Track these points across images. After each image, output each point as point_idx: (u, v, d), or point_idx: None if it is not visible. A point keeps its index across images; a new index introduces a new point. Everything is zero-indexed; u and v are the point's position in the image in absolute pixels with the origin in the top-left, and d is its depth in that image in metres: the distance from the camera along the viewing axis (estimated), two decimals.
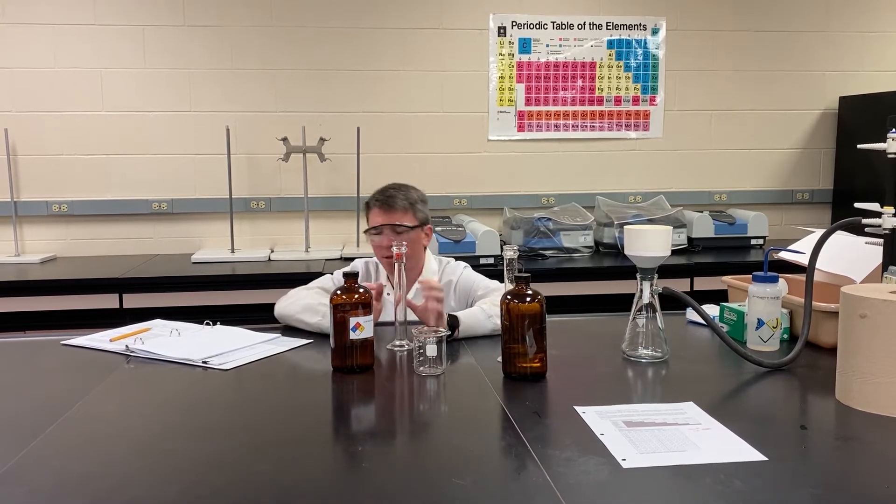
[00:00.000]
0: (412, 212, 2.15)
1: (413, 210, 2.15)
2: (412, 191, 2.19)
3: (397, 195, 2.14)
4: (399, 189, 2.17)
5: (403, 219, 2.13)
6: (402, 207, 2.13)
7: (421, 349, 1.55)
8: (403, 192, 2.16)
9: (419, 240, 2.18)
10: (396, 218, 2.12)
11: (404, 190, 2.17)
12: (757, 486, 1.03)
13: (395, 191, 2.15)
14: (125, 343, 1.77)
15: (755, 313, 1.69)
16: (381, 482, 1.08)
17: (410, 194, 2.17)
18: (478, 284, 2.18)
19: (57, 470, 1.12)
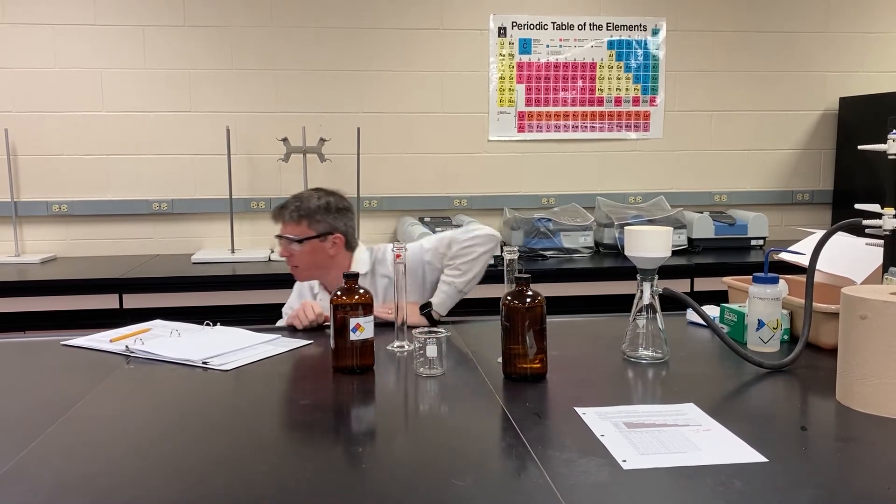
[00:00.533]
0: (306, 222, 2.07)
1: (308, 221, 2.07)
2: (315, 199, 2.10)
3: (289, 205, 2.08)
4: (299, 198, 2.10)
5: (290, 230, 2.07)
6: (290, 219, 2.08)
7: (421, 350, 1.55)
8: (298, 203, 2.09)
9: (317, 252, 2.10)
10: (284, 230, 2.08)
11: (305, 199, 2.10)
12: (757, 487, 1.02)
13: (293, 199, 2.10)
14: (125, 343, 1.76)
15: (755, 314, 1.69)
16: (381, 483, 1.08)
17: (308, 204, 2.09)
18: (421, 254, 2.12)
19: (57, 470, 1.12)
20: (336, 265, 2.11)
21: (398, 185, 3.79)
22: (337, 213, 2.12)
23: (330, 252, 2.11)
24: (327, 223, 2.09)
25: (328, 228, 2.09)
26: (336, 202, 2.13)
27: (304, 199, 2.10)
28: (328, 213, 2.10)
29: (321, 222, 2.08)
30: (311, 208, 2.08)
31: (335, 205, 2.12)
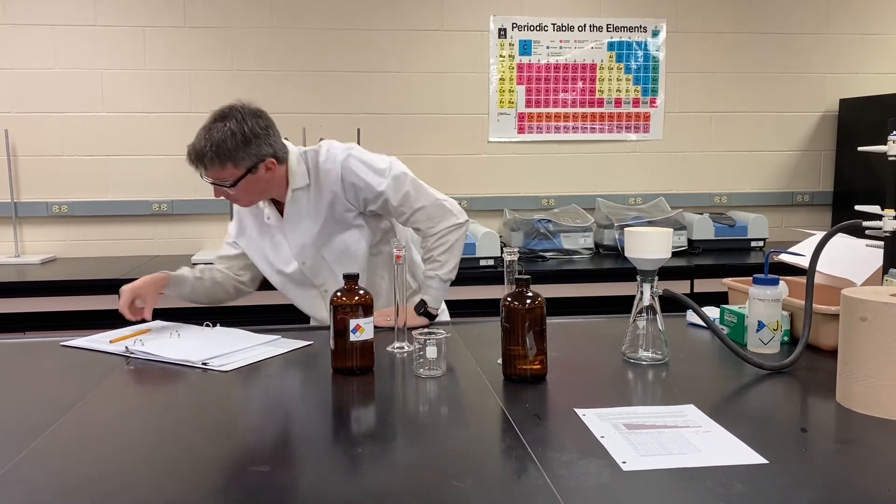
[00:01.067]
0: (231, 163, 1.85)
1: (232, 161, 1.84)
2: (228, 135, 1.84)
3: (204, 150, 1.84)
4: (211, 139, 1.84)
5: (217, 175, 1.87)
6: (212, 166, 1.86)
7: (421, 351, 1.55)
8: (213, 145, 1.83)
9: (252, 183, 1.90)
10: (212, 175, 1.88)
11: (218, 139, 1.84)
12: (757, 488, 1.02)
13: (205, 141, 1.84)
14: (125, 344, 1.76)
15: (755, 315, 1.69)
16: (380, 484, 1.07)
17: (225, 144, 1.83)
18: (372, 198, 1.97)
19: (56, 472, 1.12)
20: (275, 183, 1.95)
21: None
22: (256, 138, 1.87)
23: (265, 177, 1.91)
24: (252, 154, 1.86)
25: (255, 159, 1.87)
26: (250, 126, 1.87)
27: (217, 139, 1.84)
28: (248, 145, 1.85)
29: (245, 157, 1.85)
30: (229, 148, 1.83)
31: (251, 130, 1.86)
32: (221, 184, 1.89)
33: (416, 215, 2.02)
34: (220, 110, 1.90)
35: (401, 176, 2.01)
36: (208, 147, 1.84)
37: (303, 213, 2.02)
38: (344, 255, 2.05)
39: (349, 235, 2.04)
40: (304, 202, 2.01)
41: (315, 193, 2.01)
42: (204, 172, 1.89)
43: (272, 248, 2.09)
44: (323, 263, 2.07)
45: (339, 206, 2.00)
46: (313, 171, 2.01)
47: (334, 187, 1.99)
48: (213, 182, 1.91)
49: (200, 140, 1.86)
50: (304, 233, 2.03)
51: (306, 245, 2.04)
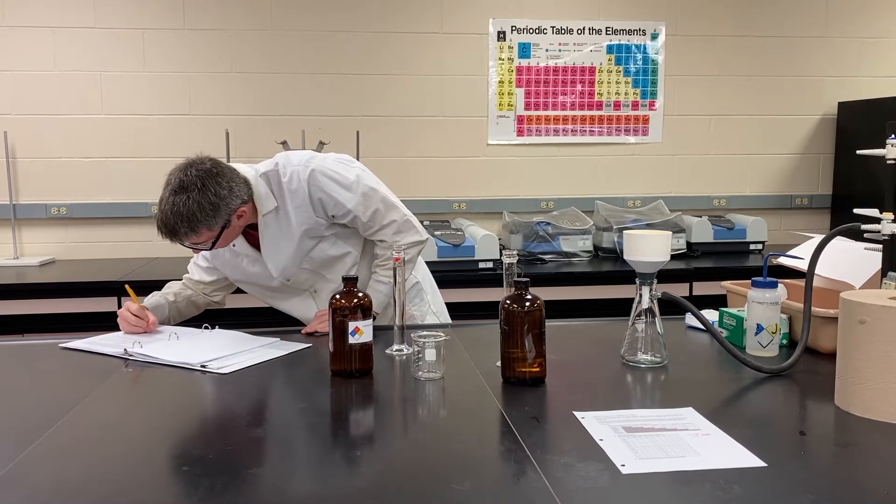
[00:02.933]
0: (205, 228, 1.81)
1: (206, 226, 1.81)
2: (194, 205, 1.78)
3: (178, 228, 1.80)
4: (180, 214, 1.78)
5: (198, 240, 1.84)
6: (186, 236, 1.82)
7: (420, 353, 1.55)
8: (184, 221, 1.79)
9: (231, 232, 1.88)
10: (191, 242, 1.85)
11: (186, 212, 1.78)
12: (756, 492, 1.02)
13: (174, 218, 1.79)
14: (124, 346, 1.76)
15: (754, 318, 1.69)
16: (379, 487, 1.07)
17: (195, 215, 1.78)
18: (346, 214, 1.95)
19: (55, 474, 1.11)
20: (246, 218, 1.92)
21: (397, 188, 3.74)
22: (222, 201, 1.81)
23: (240, 223, 1.90)
24: (223, 216, 1.82)
25: (227, 216, 1.83)
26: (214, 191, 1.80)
27: (186, 213, 1.79)
28: (217, 210, 1.81)
29: (218, 219, 1.82)
30: (199, 219, 1.79)
31: (215, 195, 1.80)
32: (200, 247, 1.89)
33: (384, 230, 2.01)
34: (178, 180, 1.82)
35: (370, 192, 1.97)
36: (180, 222, 1.79)
37: (277, 236, 1.99)
38: (326, 261, 2.05)
39: (325, 245, 2.02)
40: (275, 225, 1.97)
41: (284, 215, 1.97)
42: (181, 243, 1.86)
43: (251, 264, 2.05)
44: (308, 272, 2.07)
45: (310, 222, 1.97)
46: (278, 193, 1.96)
47: (302, 206, 1.95)
48: (191, 246, 1.88)
49: (168, 216, 1.80)
50: (281, 254, 2.01)
51: (286, 265, 2.03)
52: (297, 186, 1.94)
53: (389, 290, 1.99)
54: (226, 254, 2.06)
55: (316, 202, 1.95)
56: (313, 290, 2.10)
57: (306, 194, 1.93)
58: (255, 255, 2.03)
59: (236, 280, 2.13)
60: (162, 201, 1.83)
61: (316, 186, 1.93)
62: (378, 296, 2.00)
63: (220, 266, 2.11)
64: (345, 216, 1.97)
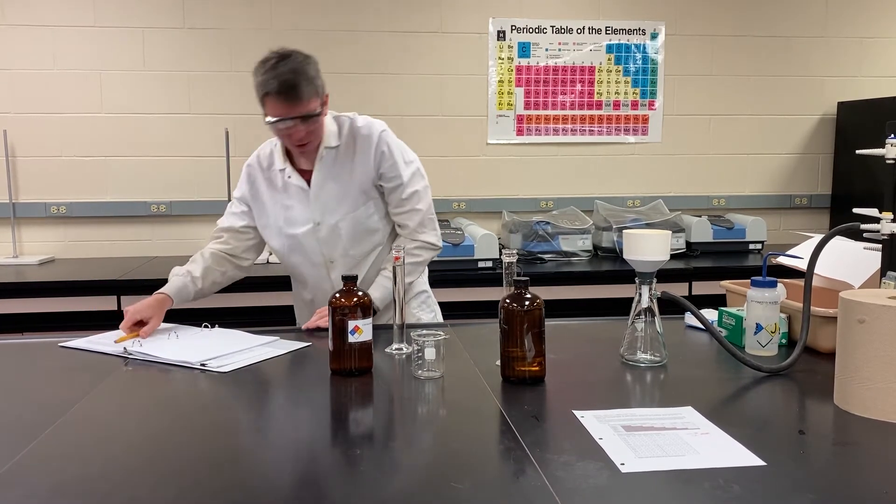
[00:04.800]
0: (316, 94, 1.87)
1: (317, 90, 1.88)
2: (306, 64, 1.86)
3: (298, 81, 1.83)
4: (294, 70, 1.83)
5: (310, 106, 1.86)
6: (307, 95, 1.85)
7: (419, 352, 1.55)
8: (300, 73, 1.83)
9: (321, 127, 1.97)
10: (304, 108, 1.86)
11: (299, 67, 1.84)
12: (756, 491, 1.02)
13: (292, 73, 1.83)
14: (123, 345, 1.76)
15: (754, 318, 1.69)
16: (378, 486, 1.07)
17: (308, 71, 1.85)
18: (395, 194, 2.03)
19: (54, 473, 1.11)
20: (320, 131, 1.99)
21: None
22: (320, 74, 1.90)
23: (322, 119, 1.95)
24: (322, 85, 1.90)
25: (324, 91, 1.91)
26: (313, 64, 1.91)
27: (300, 69, 1.85)
28: (319, 75, 1.89)
29: (321, 86, 1.89)
30: (312, 75, 1.86)
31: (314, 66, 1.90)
32: (312, 114, 1.89)
33: (411, 214, 2.07)
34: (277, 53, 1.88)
35: (419, 175, 2.09)
36: (299, 77, 1.83)
37: (330, 174, 2.04)
38: (357, 230, 2.07)
39: (363, 211, 2.06)
40: (332, 163, 2.03)
41: (346, 155, 2.04)
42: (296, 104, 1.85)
43: (284, 210, 2.07)
44: (337, 234, 2.07)
45: (367, 172, 2.03)
46: (347, 134, 2.04)
47: (367, 152, 2.02)
48: (301, 116, 1.87)
49: (285, 74, 1.83)
50: (327, 193, 2.04)
51: (328, 206, 2.04)
52: (368, 133, 2.04)
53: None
54: (265, 196, 2.09)
55: (377, 154, 2.02)
56: (330, 261, 2.09)
57: (374, 144, 2.02)
58: (301, 195, 2.05)
59: (265, 226, 2.11)
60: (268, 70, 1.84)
61: (384, 142, 2.04)
62: (384, 291, 2.00)
63: (257, 210, 2.11)
64: (391, 180, 2.04)
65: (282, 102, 1.84)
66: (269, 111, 1.88)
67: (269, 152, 2.12)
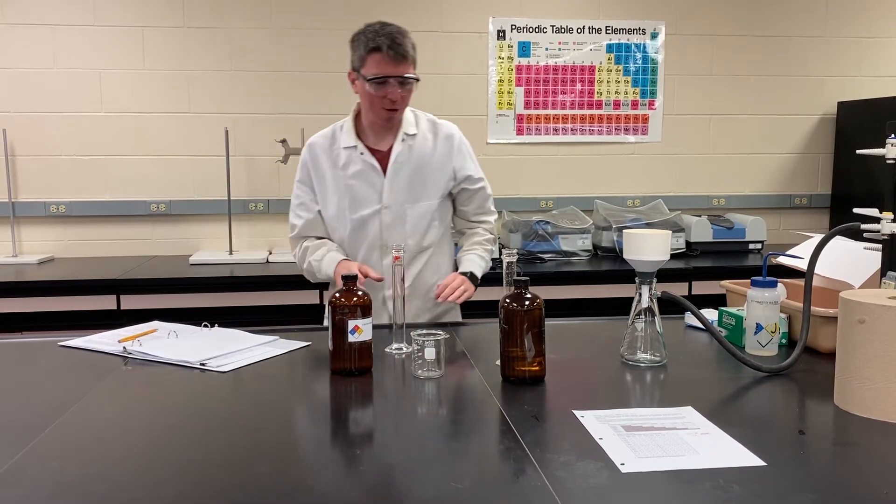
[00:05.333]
0: (415, 61, 1.99)
1: (415, 59, 1.99)
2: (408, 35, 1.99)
3: (405, 42, 1.94)
4: (402, 34, 1.96)
5: (411, 70, 1.97)
6: (411, 59, 1.96)
7: (419, 352, 1.55)
8: (408, 39, 1.96)
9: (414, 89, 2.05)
10: (406, 69, 1.95)
11: (406, 34, 1.97)
12: (756, 491, 1.02)
13: (400, 36, 1.95)
14: (123, 345, 1.76)
15: (754, 318, 1.69)
16: (378, 485, 1.07)
17: (411, 38, 1.99)
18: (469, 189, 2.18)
19: (54, 472, 1.11)
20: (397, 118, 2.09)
21: None
22: None
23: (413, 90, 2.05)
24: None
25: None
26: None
27: (406, 33, 1.97)
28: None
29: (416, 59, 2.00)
30: (415, 45, 1.98)
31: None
32: (409, 78, 1.97)
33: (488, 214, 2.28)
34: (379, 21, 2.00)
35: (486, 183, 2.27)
36: (406, 39, 1.95)
37: (407, 160, 2.09)
38: (421, 222, 2.12)
39: (434, 205, 2.13)
40: (409, 150, 2.09)
41: (423, 146, 2.11)
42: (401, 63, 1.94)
43: (348, 189, 2.09)
44: (401, 221, 2.10)
45: (445, 171, 2.12)
46: (427, 127, 2.14)
47: (449, 151, 2.12)
48: (403, 77, 1.96)
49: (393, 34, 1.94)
50: (401, 178, 2.09)
51: (400, 190, 2.08)
52: (449, 132, 2.15)
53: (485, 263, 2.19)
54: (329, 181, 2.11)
55: (459, 156, 2.14)
56: (386, 247, 2.09)
57: (455, 145, 2.14)
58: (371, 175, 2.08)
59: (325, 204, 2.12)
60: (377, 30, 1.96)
61: (463, 143, 2.17)
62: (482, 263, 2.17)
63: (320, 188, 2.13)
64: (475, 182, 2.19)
65: (389, 59, 1.92)
66: (373, 67, 1.94)
67: (332, 132, 2.14)
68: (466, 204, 2.22)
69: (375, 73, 1.93)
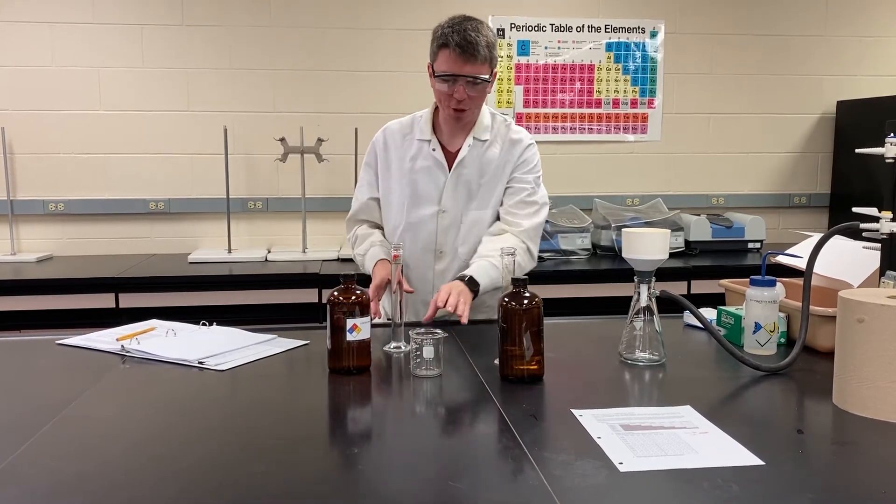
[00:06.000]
0: (489, 60, 1.89)
1: (491, 57, 1.89)
2: (488, 29, 1.89)
3: (479, 40, 1.84)
4: (478, 30, 1.86)
5: (482, 70, 1.88)
6: (482, 58, 1.86)
7: (418, 351, 1.55)
8: (483, 36, 1.86)
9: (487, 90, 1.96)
10: (475, 69, 1.86)
11: (483, 31, 1.87)
12: (754, 490, 1.02)
13: (474, 33, 1.84)
14: (121, 343, 1.76)
15: (752, 317, 1.69)
16: (376, 485, 1.07)
17: (489, 36, 1.88)
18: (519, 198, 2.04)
19: (52, 470, 1.11)
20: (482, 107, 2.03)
21: None
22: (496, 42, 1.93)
23: (489, 90, 1.97)
24: (496, 58, 1.92)
25: (495, 64, 1.93)
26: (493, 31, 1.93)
27: (487, 34, 1.88)
28: (496, 46, 1.92)
29: (496, 58, 1.91)
30: (493, 42, 1.89)
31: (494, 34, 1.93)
32: (480, 78, 1.89)
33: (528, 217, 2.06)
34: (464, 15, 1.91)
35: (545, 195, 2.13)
36: (482, 38, 1.85)
37: (474, 165, 2.04)
38: (475, 229, 2.06)
39: (485, 214, 2.06)
40: (478, 155, 2.04)
41: (492, 153, 2.05)
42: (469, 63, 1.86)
43: (411, 184, 2.05)
44: (457, 226, 2.05)
45: (503, 176, 2.05)
46: (499, 133, 2.07)
47: (514, 155, 2.05)
48: (472, 77, 1.88)
49: (467, 31, 1.85)
50: (465, 183, 2.04)
51: (461, 195, 2.04)
52: (518, 138, 2.07)
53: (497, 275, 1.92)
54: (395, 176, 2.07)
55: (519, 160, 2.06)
56: (440, 251, 2.07)
57: (521, 150, 2.06)
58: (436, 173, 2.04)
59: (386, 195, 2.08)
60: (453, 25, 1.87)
61: (531, 152, 2.08)
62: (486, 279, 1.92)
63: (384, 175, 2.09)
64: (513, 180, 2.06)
65: (457, 57, 1.85)
66: (442, 64, 1.89)
67: (411, 121, 2.11)
68: (503, 202, 2.08)
69: (444, 71, 1.88)
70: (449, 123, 2.02)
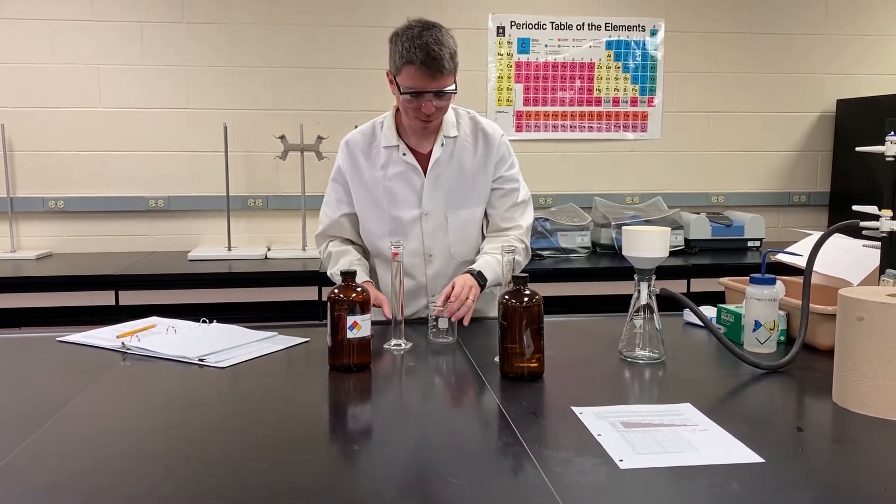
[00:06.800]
0: (454, 70, 1.85)
1: (455, 66, 1.85)
2: (450, 38, 1.84)
3: (442, 53, 1.79)
4: (440, 42, 1.81)
5: (448, 82, 1.84)
6: (447, 71, 1.82)
7: (435, 321, 1.73)
8: (447, 48, 1.81)
9: (448, 106, 1.95)
10: (441, 83, 1.82)
11: (444, 41, 1.82)
12: (754, 487, 1.02)
13: (437, 46, 1.79)
14: (121, 340, 1.76)
15: (752, 315, 1.69)
16: (377, 482, 1.07)
17: (451, 45, 1.83)
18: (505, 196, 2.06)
19: (52, 468, 1.11)
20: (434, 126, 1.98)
21: None
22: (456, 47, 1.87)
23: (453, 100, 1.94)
24: (457, 61, 1.87)
25: (457, 68, 1.88)
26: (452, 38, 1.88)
27: (445, 41, 1.82)
28: (457, 53, 1.86)
29: (457, 61, 1.86)
30: (455, 51, 1.84)
31: (453, 40, 1.88)
32: (445, 91, 1.86)
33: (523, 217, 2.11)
34: (421, 21, 1.88)
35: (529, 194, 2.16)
36: (444, 51, 1.81)
37: (446, 162, 2.01)
38: (464, 229, 2.05)
39: (475, 213, 2.06)
40: (450, 154, 2.02)
41: (465, 149, 2.03)
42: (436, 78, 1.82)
43: (387, 191, 2.02)
44: (443, 228, 2.03)
45: (486, 174, 2.04)
46: (468, 128, 2.05)
47: (489, 154, 2.04)
48: (444, 91, 1.85)
49: (430, 46, 1.80)
50: (442, 184, 2.01)
51: (440, 197, 2.01)
52: (492, 131, 2.07)
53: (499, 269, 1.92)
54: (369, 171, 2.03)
55: (499, 156, 2.06)
56: (429, 255, 2.05)
57: (496, 146, 2.05)
58: (411, 177, 2.00)
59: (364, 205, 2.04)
60: (413, 38, 1.82)
61: (505, 144, 2.08)
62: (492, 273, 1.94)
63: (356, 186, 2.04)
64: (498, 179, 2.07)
65: (423, 74, 1.81)
66: (407, 80, 1.84)
67: (371, 130, 2.06)
68: (496, 206, 2.09)
69: (409, 87, 1.84)
70: (416, 132, 1.99)
